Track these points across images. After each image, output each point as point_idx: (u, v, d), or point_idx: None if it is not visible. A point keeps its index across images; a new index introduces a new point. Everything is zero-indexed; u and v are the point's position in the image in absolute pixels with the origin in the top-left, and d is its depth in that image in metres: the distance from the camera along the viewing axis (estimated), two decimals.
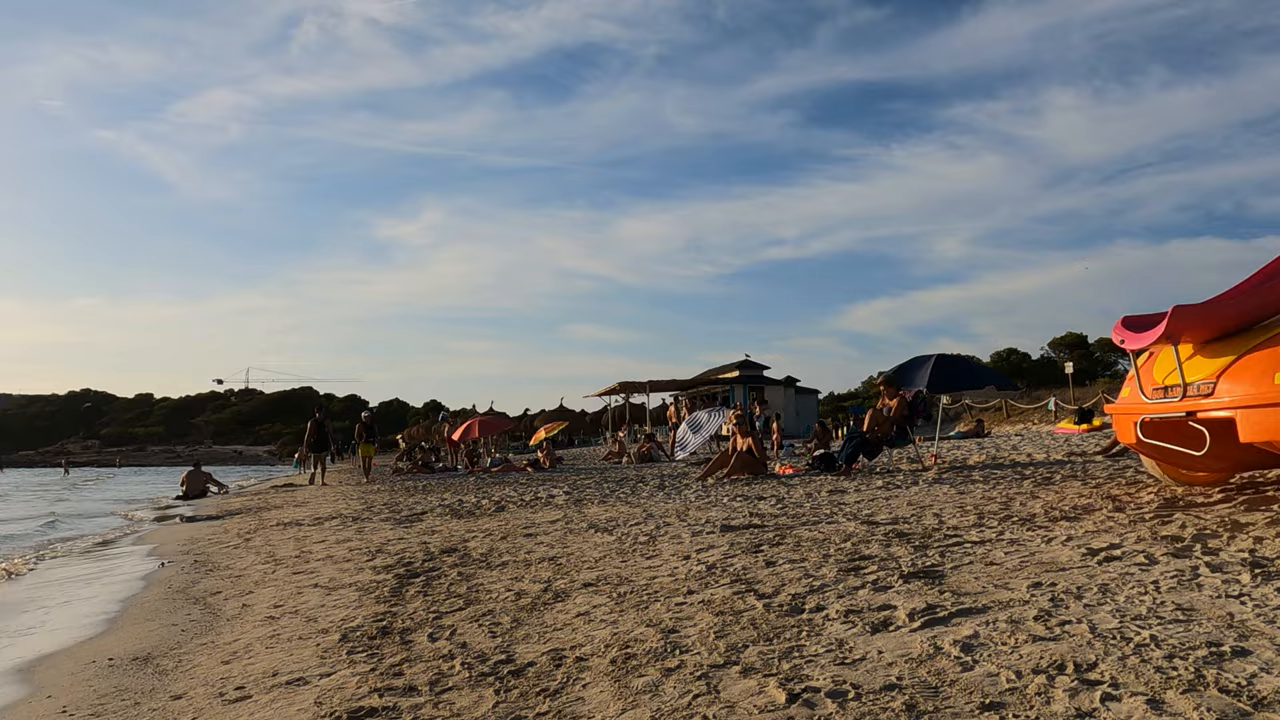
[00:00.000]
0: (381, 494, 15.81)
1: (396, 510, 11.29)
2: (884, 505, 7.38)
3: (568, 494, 11.65)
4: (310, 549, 8.08)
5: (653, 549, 5.71)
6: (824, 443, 22.26)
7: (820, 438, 22.42)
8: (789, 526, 6.18)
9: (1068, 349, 56.84)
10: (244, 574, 6.89)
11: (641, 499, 10.18)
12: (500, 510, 10.11)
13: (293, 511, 13.29)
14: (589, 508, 9.54)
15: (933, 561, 4.24)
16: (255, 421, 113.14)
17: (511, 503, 10.96)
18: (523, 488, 14.04)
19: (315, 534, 9.38)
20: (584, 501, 10.35)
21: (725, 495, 9.83)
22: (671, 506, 8.82)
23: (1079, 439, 21.64)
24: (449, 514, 10.11)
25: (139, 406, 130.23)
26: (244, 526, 11.35)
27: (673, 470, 17.29)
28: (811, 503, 8.06)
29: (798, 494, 9.22)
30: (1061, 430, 25.22)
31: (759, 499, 8.93)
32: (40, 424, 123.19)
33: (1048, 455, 12.81)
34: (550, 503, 10.57)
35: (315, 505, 14.26)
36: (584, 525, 7.59)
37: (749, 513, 7.39)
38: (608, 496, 10.86)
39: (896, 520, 6.12)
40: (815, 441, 22.40)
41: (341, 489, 19.33)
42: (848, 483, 10.24)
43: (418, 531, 8.54)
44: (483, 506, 10.73)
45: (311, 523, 10.74)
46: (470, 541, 7.25)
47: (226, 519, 13.39)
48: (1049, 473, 9.61)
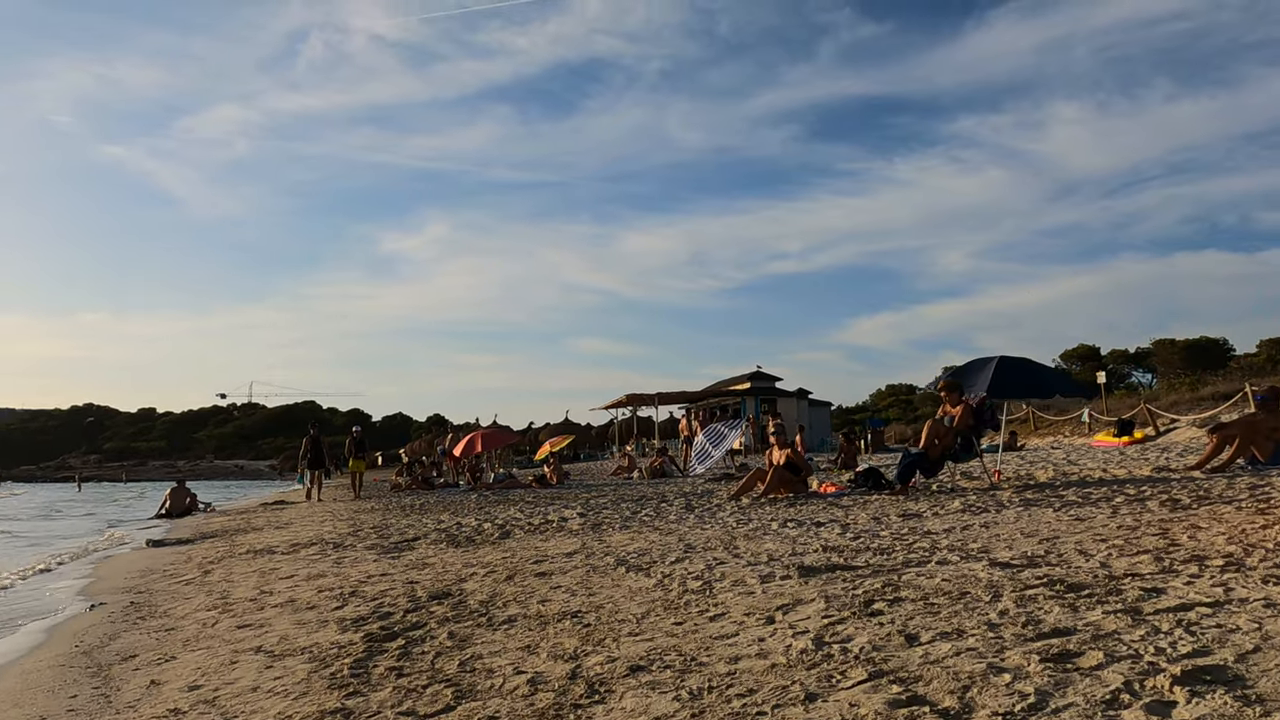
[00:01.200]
0: (374, 513, 14.31)
1: (386, 535, 9.80)
2: (987, 535, 5.86)
3: (582, 516, 10.13)
4: (273, 587, 6.59)
5: (712, 600, 4.20)
6: (850, 457, 20.73)
7: (845, 452, 20.88)
8: (890, 569, 4.67)
9: (1080, 360, 55.65)
10: (178, 626, 5.39)
11: (670, 523, 8.66)
12: (505, 536, 8.61)
13: (271, 535, 11.79)
14: (610, 534, 8.03)
15: (1189, 645, 2.72)
16: (258, 436, 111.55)
17: (517, 527, 9.45)
18: (530, 508, 12.53)
19: (286, 565, 7.89)
20: (603, 526, 8.83)
21: (770, 519, 8.31)
22: (711, 534, 7.31)
23: (1120, 451, 20.10)
24: (445, 541, 8.61)
25: (141, 421, 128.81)
26: (210, 554, 9.85)
27: (692, 487, 15.77)
28: (890, 532, 6.54)
29: (861, 518, 7.70)
30: (1100, 443, 23.63)
31: (817, 525, 7.41)
32: (42, 438, 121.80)
33: (1129, 471, 11.27)
34: (563, 527, 9.06)
35: (298, 527, 12.77)
36: (609, 560, 6.08)
37: (821, 546, 5.87)
38: (630, 520, 9.34)
39: (1032, 559, 4.60)
40: (840, 456, 20.87)
41: (333, 507, 17.83)
42: (914, 504, 8.71)
43: (405, 565, 7.04)
44: (484, 532, 9.22)
45: (287, 550, 9.25)
46: (468, 582, 5.75)
47: (197, 543, 11.89)
48: (1159, 492, 8.07)
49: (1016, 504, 7.86)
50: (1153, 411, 24.44)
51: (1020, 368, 10.72)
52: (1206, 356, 50.82)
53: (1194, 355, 51.35)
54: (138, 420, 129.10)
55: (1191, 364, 49.55)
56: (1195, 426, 23.08)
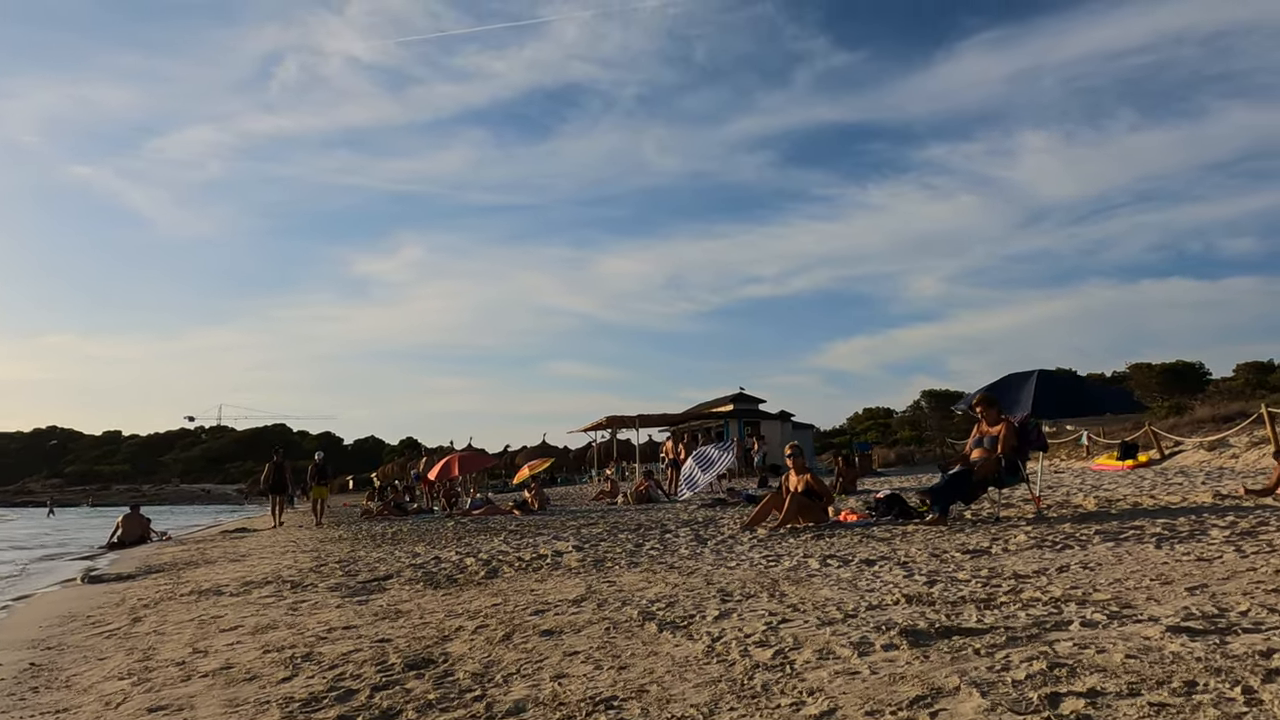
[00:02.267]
0: (341, 543, 12.98)
1: (353, 571, 8.52)
2: (1103, 580, 4.73)
3: (579, 550, 8.90)
4: (211, 643, 5.32)
5: (801, 683, 3.03)
6: (849, 481, 19.63)
7: (845, 476, 19.74)
8: (1025, 632, 3.51)
9: None
10: (74, 706, 4.12)
11: (686, 559, 7.47)
12: (492, 575, 7.37)
13: (223, 570, 10.45)
14: (619, 573, 6.82)
15: None
16: (226, 459, 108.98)
17: (505, 562, 8.21)
18: (515, 538, 11.28)
19: (232, 611, 6.61)
20: (606, 563, 7.61)
21: (801, 553, 7.14)
22: (742, 575, 6.12)
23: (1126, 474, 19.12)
24: (422, 580, 7.35)
25: (106, 444, 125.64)
26: (149, 594, 8.51)
27: (689, 514, 14.57)
28: (968, 573, 5.38)
29: (916, 555, 6.54)
30: (1102, 467, 22.71)
31: (867, 564, 6.24)
32: (2, 461, 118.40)
33: (1183, 497, 10.20)
34: (559, 564, 7.83)
35: (255, 560, 11.42)
36: (629, 611, 4.88)
37: (898, 594, 4.70)
38: (636, 555, 8.13)
39: (1209, 618, 3.46)
40: (839, 480, 19.72)
41: (297, 535, 16.44)
42: (964, 536, 7.57)
43: (375, 613, 5.79)
44: (467, 569, 7.97)
45: (237, 590, 7.95)
46: (453, 641, 4.53)
47: (139, 579, 10.51)
48: (1258, 523, 6.98)
49: (1095, 538, 6.74)
50: (1157, 434, 23.55)
51: (1063, 384, 9.68)
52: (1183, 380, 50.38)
53: (1171, 379, 50.91)
54: (102, 443, 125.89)
55: (1168, 388, 49.03)
56: (1204, 449, 22.25)
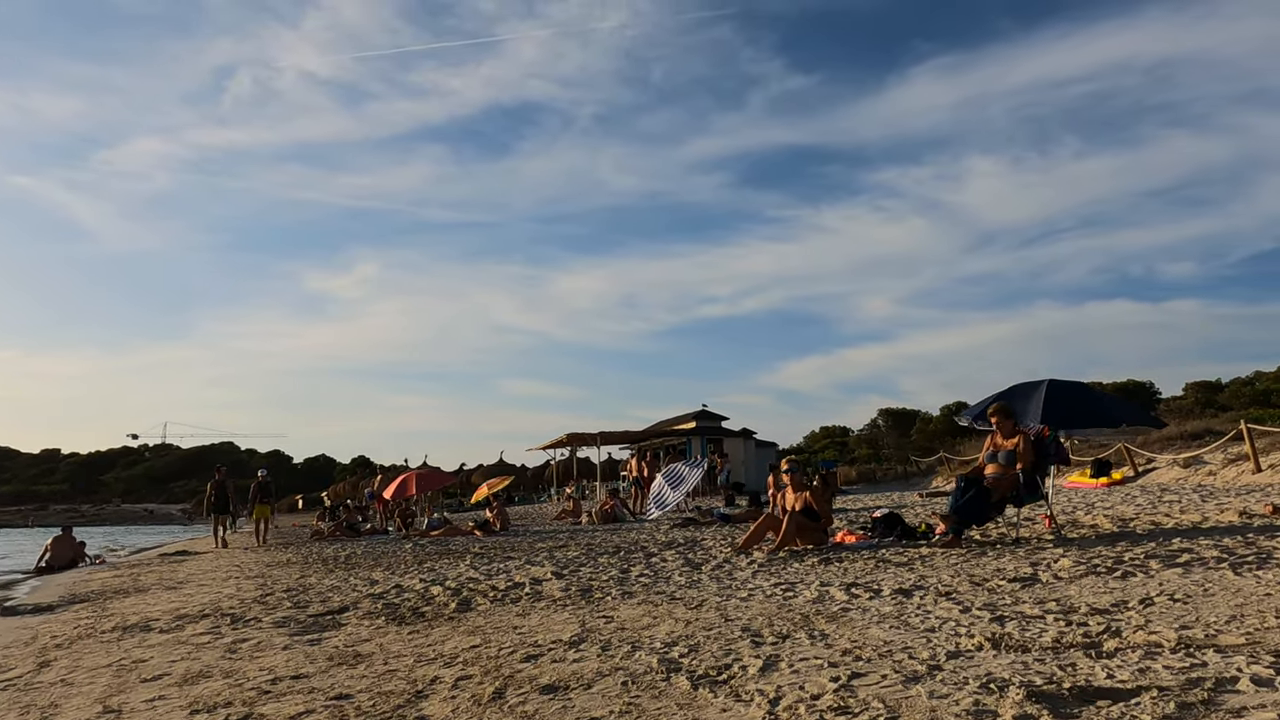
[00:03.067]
0: (289, 568, 11.90)
1: (303, 602, 7.53)
2: (1206, 616, 3.98)
3: (558, 576, 7.99)
4: (127, 699, 4.36)
5: None
6: (829, 498, 18.93)
7: None
8: (1174, 691, 2.72)
9: None
10: None
11: (684, 588, 6.62)
12: (465, 607, 6.45)
13: (156, 600, 9.36)
14: (612, 605, 5.95)
15: None
16: (170, 478, 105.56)
17: (478, 591, 7.28)
18: (483, 561, 10.32)
19: (160, 654, 5.61)
20: (595, 592, 6.72)
21: (817, 581, 6.33)
22: (763, 608, 5.29)
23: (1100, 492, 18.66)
24: (383, 614, 6.41)
25: (44, 463, 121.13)
26: (65, 630, 7.43)
27: (666, 535, 13.71)
28: (1035, 607, 4.60)
29: (955, 582, 5.76)
30: (1074, 484, 22.30)
31: (902, 594, 5.44)
32: None
33: (1203, 517, 9.56)
34: (539, 592, 6.93)
35: (193, 588, 10.32)
36: (644, 657, 4.02)
37: (978, 636, 3.89)
38: (626, 582, 7.25)
39: None
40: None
41: (242, 559, 15.26)
42: (1000, 561, 6.81)
43: (329, 658, 4.85)
44: (434, 599, 7.03)
45: (169, 625, 6.93)
46: (429, 700, 3.63)
47: (59, 611, 9.37)
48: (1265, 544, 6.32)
49: (1150, 562, 6.00)
50: (1130, 450, 23.21)
51: (1074, 394, 8.99)
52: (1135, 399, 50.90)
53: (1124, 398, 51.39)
54: (40, 461, 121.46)
55: None
56: (1179, 466, 21.95)
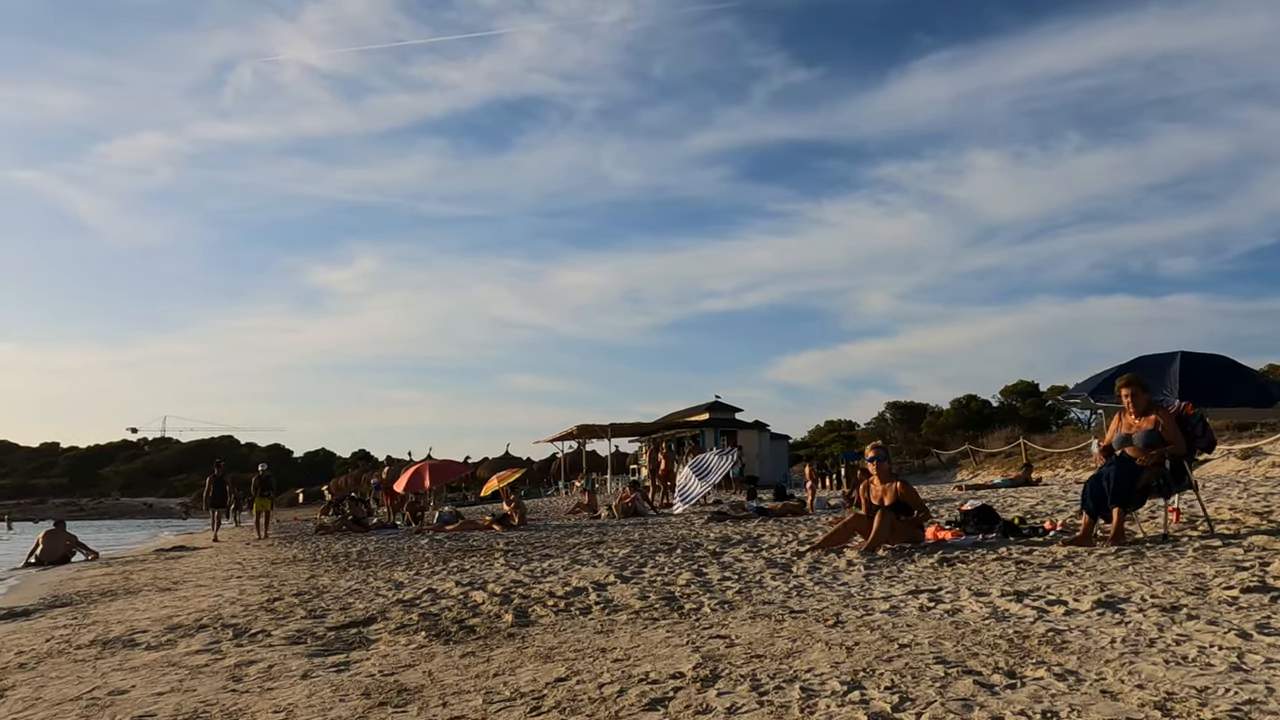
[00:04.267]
0: (297, 566, 10.69)
1: (319, 609, 6.31)
2: None
3: (623, 579, 6.76)
4: None
5: None
6: None
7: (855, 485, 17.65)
8: None
9: (1020, 396, 54.66)
10: None
11: (792, 596, 5.40)
12: (523, 619, 5.23)
13: (147, 604, 8.13)
14: (719, 619, 4.73)
15: None
16: (170, 472, 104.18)
17: (532, 598, 6.05)
18: (520, 560, 9.10)
19: (141, 684, 4.39)
20: (682, 601, 5.49)
21: (967, 589, 5.11)
22: (935, 629, 4.07)
23: None
24: (421, 626, 5.18)
25: (43, 456, 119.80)
26: (37, 643, 6.20)
27: (711, 530, 12.49)
28: None
29: (1160, 591, 4.53)
30: None
31: (1107, 609, 4.21)
32: None
33: None
34: (609, 600, 5.71)
35: (190, 589, 9.11)
36: (832, 705, 2.81)
37: None
38: (710, 587, 6.02)
39: None
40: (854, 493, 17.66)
41: (243, 555, 14.04)
42: (1180, 562, 5.58)
43: (364, 694, 3.64)
44: (479, 607, 5.81)
45: (158, 638, 5.71)
46: None
47: (36, 616, 8.14)
48: None
49: None
50: None
51: (1217, 367, 7.75)
52: None
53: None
54: (39, 455, 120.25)
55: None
56: (1236, 457, 20.76)
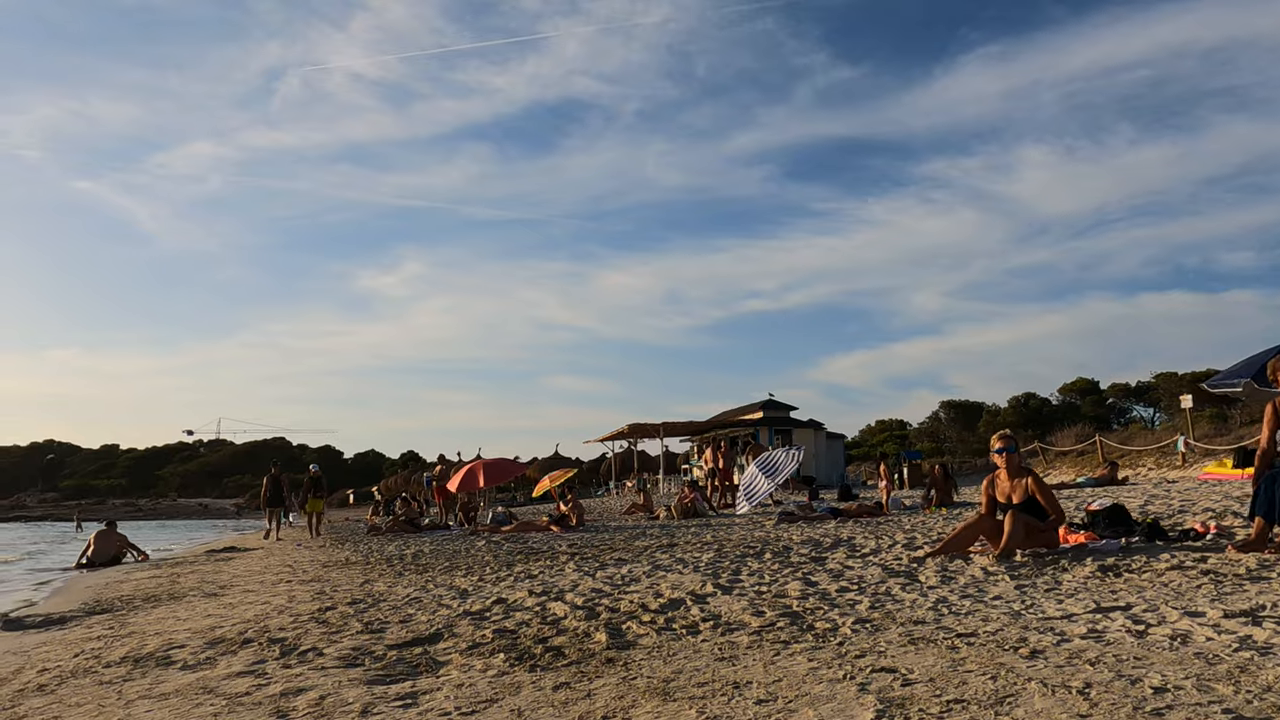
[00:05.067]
0: (350, 569, 9.98)
1: (376, 622, 5.52)
2: None
3: (721, 588, 5.89)
4: None
5: None
6: (946, 494, 16.59)
7: (940, 488, 16.57)
8: None
9: (1079, 394, 52.74)
10: None
11: (947, 615, 4.49)
12: (620, 641, 4.38)
13: (189, 613, 7.44)
14: (869, 644, 3.84)
15: None
16: (225, 473, 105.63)
17: (621, 613, 5.20)
18: (591, 565, 8.27)
19: (171, 715, 3.63)
20: (810, 619, 4.60)
21: (1159, 604, 4.16)
22: (1178, 662, 3.14)
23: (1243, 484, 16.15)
24: (497, 648, 4.36)
25: (103, 458, 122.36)
26: (64, 658, 5.51)
27: (806, 532, 11.56)
28: None
29: None
30: (1211, 475, 19.72)
31: None
32: None
33: None
34: (715, 615, 4.83)
35: (236, 595, 8.42)
36: None
37: None
38: (832, 600, 5.12)
39: None
40: (934, 494, 16.62)
41: (294, 556, 13.43)
42: None
43: None
44: (561, 622, 4.98)
45: (197, 655, 4.96)
46: None
47: (71, 624, 7.51)
48: None
49: None
50: None
51: None
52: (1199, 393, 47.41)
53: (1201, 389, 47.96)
54: (99, 457, 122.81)
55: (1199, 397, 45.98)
56: None
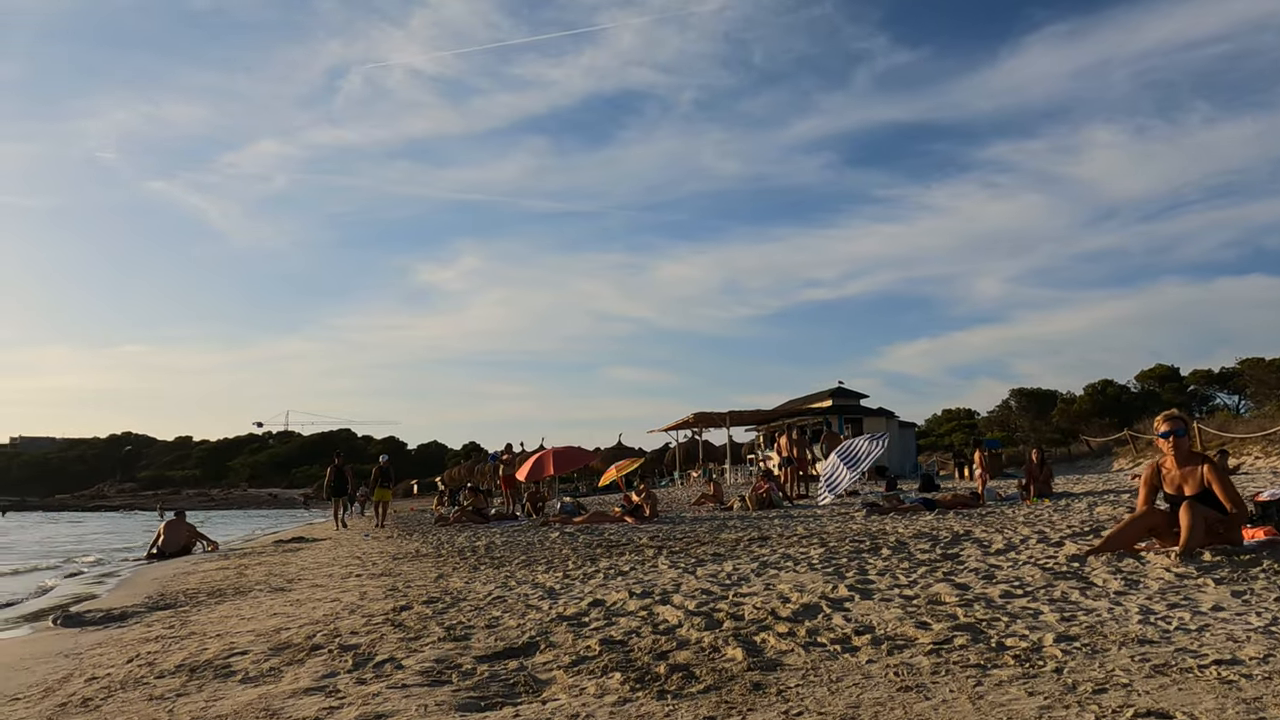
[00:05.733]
0: (422, 562, 9.37)
1: (459, 627, 4.80)
2: None
3: (859, 591, 5.05)
4: None
5: None
6: (1044, 483, 15.44)
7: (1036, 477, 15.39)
8: None
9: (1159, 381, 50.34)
10: None
11: (1171, 632, 3.60)
12: (759, 661, 3.57)
13: (255, 610, 6.84)
14: (1082, 671, 2.97)
15: None
16: (292, 464, 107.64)
17: (746, 620, 4.40)
18: (685, 561, 7.49)
19: None
20: (988, 631, 3.73)
21: None
22: None
23: None
24: (610, 664, 3.59)
25: (177, 449, 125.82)
26: (116, 664, 4.90)
27: (913, 524, 10.64)
28: None
29: None
30: None
31: None
32: (78, 467, 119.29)
33: None
34: (869, 628, 4.00)
35: (304, 591, 7.82)
36: None
37: None
38: (997, 605, 4.25)
39: None
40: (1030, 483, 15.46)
41: (363, 548, 12.91)
42: None
43: None
44: (676, 631, 4.19)
45: (259, 665, 4.30)
46: None
47: (131, 622, 6.97)
48: None
49: None
50: None
51: None
52: None
53: None
54: (174, 449, 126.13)
55: None
56: None
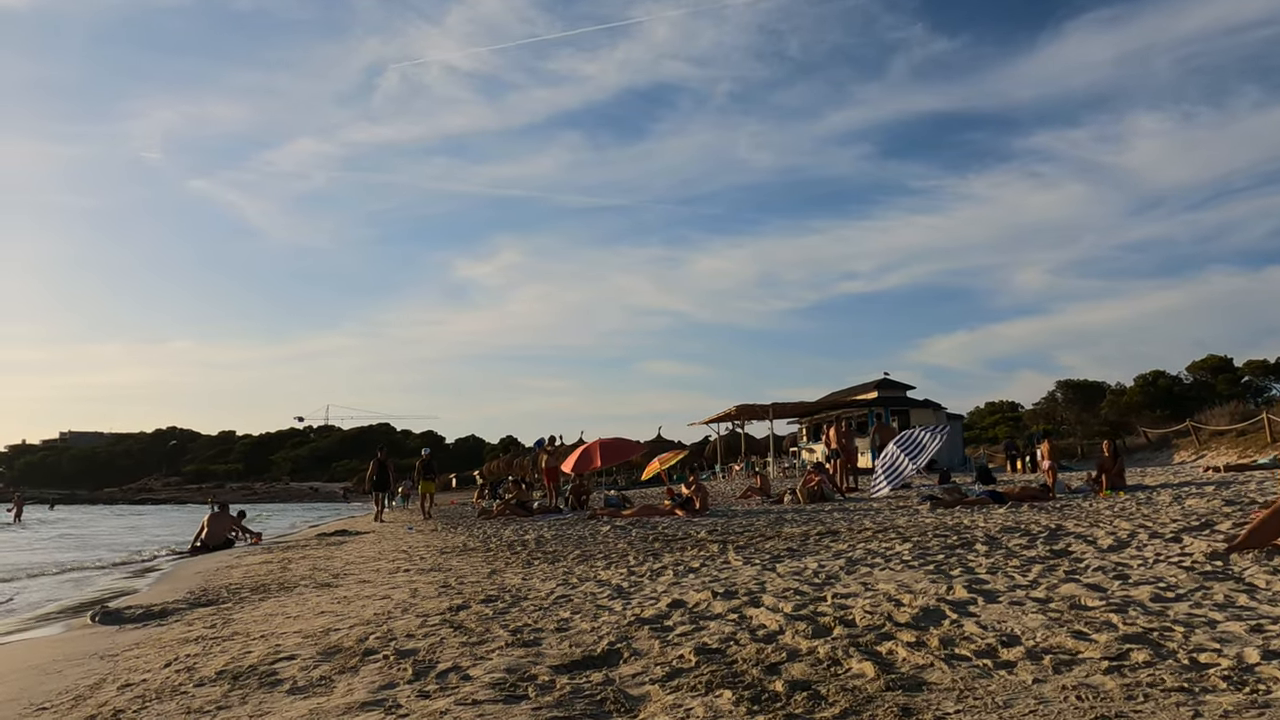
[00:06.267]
0: (470, 557, 8.90)
1: (525, 630, 4.30)
2: None
3: (979, 593, 4.47)
4: None
5: None
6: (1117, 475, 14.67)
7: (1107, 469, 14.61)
8: None
9: (1211, 372, 48.59)
10: None
11: None
12: (895, 676, 3.00)
13: (301, 608, 6.40)
14: None
15: None
16: (333, 458, 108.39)
17: (859, 627, 3.84)
18: (758, 556, 6.94)
19: None
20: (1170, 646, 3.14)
21: None
22: None
23: None
24: (715, 680, 3.04)
25: (221, 444, 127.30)
26: (144, 672, 4.46)
27: (991, 519, 10.00)
28: None
29: None
30: None
31: None
32: (124, 461, 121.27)
33: None
34: (996, 629, 3.42)
35: (351, 588, 7.37)
36: None
37: None
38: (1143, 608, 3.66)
39: None
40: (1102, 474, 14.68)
41: (408, 541, 12.49)
42: None
43: None
44: (779, 638, 3.64)
45: (309, 671, 3.83)
46: None
47: (171, 619, 6.57)
48: None
49: None
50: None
51: None
52: None
53: None
54: (217, 443, 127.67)
55: None
56: None
